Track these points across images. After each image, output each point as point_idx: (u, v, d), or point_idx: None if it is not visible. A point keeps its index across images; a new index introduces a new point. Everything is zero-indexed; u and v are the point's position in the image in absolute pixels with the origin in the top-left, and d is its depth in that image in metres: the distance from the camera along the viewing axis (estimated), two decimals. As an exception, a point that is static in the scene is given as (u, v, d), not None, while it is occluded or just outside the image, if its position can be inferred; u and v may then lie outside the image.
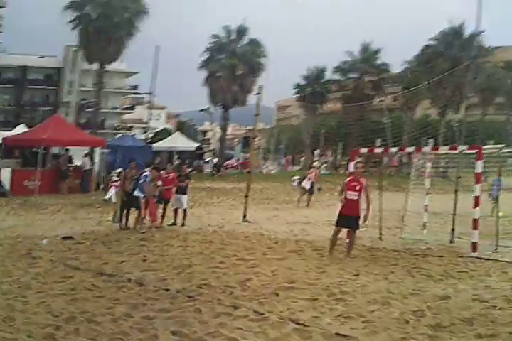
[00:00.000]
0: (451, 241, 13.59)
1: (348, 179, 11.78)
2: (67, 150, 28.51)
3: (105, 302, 7.80)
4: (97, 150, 30.42)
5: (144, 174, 15.39)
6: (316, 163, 28.68)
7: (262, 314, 7.16)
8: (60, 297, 8.06)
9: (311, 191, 22.71)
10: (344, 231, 11.78)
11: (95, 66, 42.24)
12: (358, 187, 11.41)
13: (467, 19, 51.68)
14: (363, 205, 11.53)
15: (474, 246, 11.79)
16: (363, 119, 40.43)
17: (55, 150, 29.47)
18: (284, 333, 6.47)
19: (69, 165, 28.32)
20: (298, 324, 6.78)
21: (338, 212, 11.80)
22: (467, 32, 51.61)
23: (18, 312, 7.25)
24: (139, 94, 77.07)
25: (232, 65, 50.05)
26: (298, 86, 62.01)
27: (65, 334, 6.46)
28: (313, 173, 23.81)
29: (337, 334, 6.43)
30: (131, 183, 15.69)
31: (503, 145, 14.73)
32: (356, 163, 12.41)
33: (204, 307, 7.49)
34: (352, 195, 11.42)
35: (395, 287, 8.76)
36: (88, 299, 7.94)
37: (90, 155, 29.75)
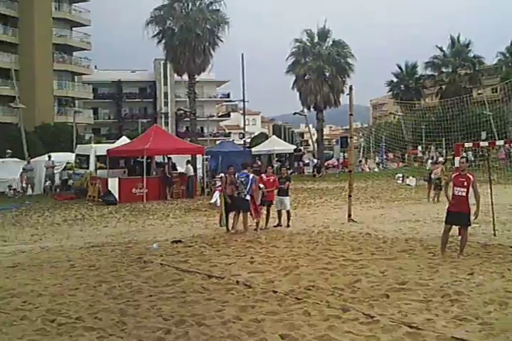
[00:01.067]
0: None
1: (454, 175, 11.36)
2: (169, 158, 29.36)
3: (215, 304, 7.84)
4: (199, 157, 31.10)
5: (249, 176, 15.59)
6: (441, 159, 27.87)
7: (373, 317, 6.95)
8: (170, 300, 8.19)
9: (440, 186, 22.10)
10: (455, 228, 11.28)
11: (185, 77, 43.43)
12: (465, 183, 10.99)
13: None
14: (472, 201, 11.04)
15: None
16: (464, 113, 39.04)
17: (158, 159, 30.47)
18: (396, 337, 6.24)
19: (173, 172, 29.13)
20: (411, 327, 6.52)
21: (446, 209, 11.36)
22: None
23: (130, 317, 7.41)
24: (232, 101, 78.72)
25: (319, 67, 50.10)
26: (391, 83, 61.30)
27: (175, 338, 6.53)
28: (439, 168, 23.22)
29: (453, 337, 6.13)
30: (231, 187, 15.93)
31: None
32: (461, 158, 11.90)
33: (313, 309, 7.37)
34: (460, 190, 11.02)
35: (513, 286, 8.27)
36: (198, 302, 8.03)
37: (192, 161, 30.46)
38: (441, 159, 28.32)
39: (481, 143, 15.65)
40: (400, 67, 62.01)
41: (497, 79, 56.81)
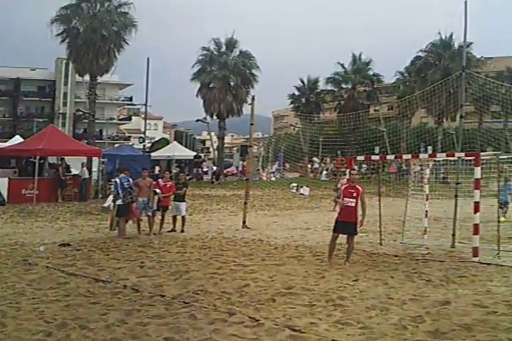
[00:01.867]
0: (452, 246, 13.48)
1: (344, 186, 11.69)
2: (62, 159, 28.45)
3: (99, 308, 7.66)
4: (95, 160, 30.30)
5: (128, 181, 15.46)
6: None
7: (258, 320, 7.02)
8: (53, 303, 7.93)
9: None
10: (344, 236, 11.63)
11: (87, 78, 42.50)
12: (355, 194, 11.33)
13: (455, 31, 52.58)
14: (359, 211, 11.44)
15: (475, 251, 11.64)
16: (360, 128, 40.71)
17: (51, 160, 29.45)
18: (279, 340, 6.32)
19: (67, 174, 28.22)
20: (294, 330, 6.63)
21: (335, 219, 11.70)
22: (457, 44, 52.81)
23: (10, 319, 7.12)
24: (134, 105, 77.36)
25: (225, 76, 50.51)
26: (292, 96, 62.79)
27: (55, 341, 6.31)
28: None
29: (333, 340, 6.28)
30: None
31: (501, 152, 14.70)
32: (351, 170, 12.33)
33: (199, 313, 7.36)
34: (349, 201, 11.33)
35: (395, 292, 8.61)
36: (82, 305, 7.81)
37: (88, 164, 29.66)
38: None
39: (373, 157, 16.29)
40: (302, 81, 63.48)
41: (394, 97, 59.47)
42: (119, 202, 15.26)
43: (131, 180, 15.65)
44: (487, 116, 70.86)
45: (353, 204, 11.31)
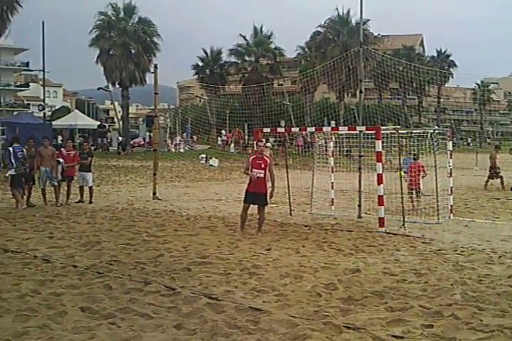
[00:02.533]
0: (359, 217, 13.97)
1: (252, 157, 11.73)
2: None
3: (11, 278, 7.44)
4: (-7, 128, 28.75)
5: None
6: (268, 144, 28.00)
7: (174, 289, 7.04)
8: (-41, 275, 7.59)
9: None
10: (255, 207, 11.78)
11: (-20, 41, 40.40)
12: (263, 165, 11.44)
13: (352, 7, 53.92)
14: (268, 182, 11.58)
15: (381, 222, 12.10)
16: (265, 101, 41.16)
17: None
18: (197, 308, 6.35)
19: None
20: (211, 298, 6.70)
21: (245, 189, 11.81)
22: (354, 20, 54.22)
23: None
24: (32, 70, 73.86)
25: (125, 43, 49.22)
26: (196, 67, 62.00)
27: (-33, 312, 6.08)
28: (268, 152, 23.65)
29: (250, 307, 6.39)
30: (29, 160, 15.15)
31: (400, 127, 15.27)
32: (258, 141, 12.41)
33: (114, 283, 7.28)
34: (258, 172, 11.43)
35: (307, 261, 8.83)
36: (-9, 276, 7.53)
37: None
38: (268, 144, 29.07)
39: (278, 129, 16.48)
40: (205, 52, 62.76)
41: (296, 72, 60.28)
42: (11, 171, 14.79)
43: (25, 150, 15.20)
44: (386, 92, 73.66)
45: (262, 175, 11.40)
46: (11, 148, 14.97)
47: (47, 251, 9.19)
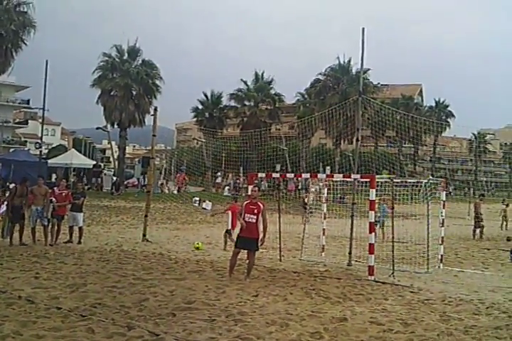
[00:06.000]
0: (348, 264, 13.90)
1: (246, 202, 11.75)
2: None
3: (-8, 319, 7.31)
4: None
5: None
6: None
7: (158, 335, 6.92)
8: None
9: None
10: (245, 252, 11.73)
11: (-20, 77, 41.04)
12: (255, 211, 11.45)
13: (354, 57, 55.14)
14: (260, 228, 11.56)
15: (371, 270, 12.06)
16: (262, 145, 41.54)
17: None
18: (180, 355, 6.27)
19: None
20: (194, 345, 6.58)
21: (237, 235, 11.79)
22: (355, 69, 55.38)
23: None
24: (32, 108, 74.46)
25: (127, 84, 49.96)
26: (196, 110, 62.82)
27: None
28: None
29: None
30: (21, 199, 15.18)
31: (394, 176, 15.39)
32: (253, 186, 12.46)
33: (97, 327, 7.17)
34: (250, 217, 11.43)
35: (294, 308, 8.74)
36: (-27, 316, 7.41)
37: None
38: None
39: (273, 174, 16.56)
40: (206, 95, 63.72)
41: (294, 118, 61.11)
42: None
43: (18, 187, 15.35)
44: (382, 140, 74.37)
45: (254, 221, 11.39)
46: None
47: (31, 292, 9.07)
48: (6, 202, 19.77)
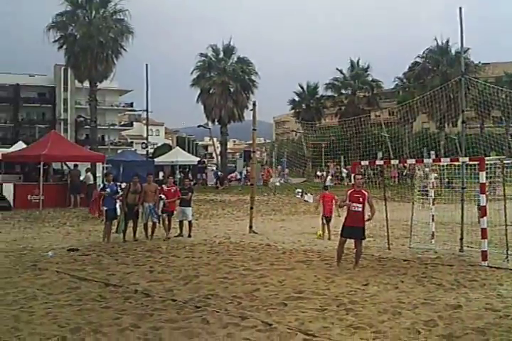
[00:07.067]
0: (460, 250, 13.45)
1: (350, 191, 11.63)
2: (75, 165, 28.47)
3: (112, 313, 7.66)
4: (99, 165, 30.27)
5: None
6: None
7: (270, 324, 7.01)
8: (65, 308, 7.93)
9: None
10: (352, 241, 11.62)
11: (86, 84, 42.88)
12: (361, 199, 11.32)
13: (452, 37, 53.06)
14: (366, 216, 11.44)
15: (484, 255, 11.61)
16: (362, 133, 40.97)
17: (56, 165, 29.53)
18: (294, 344, 6.30)
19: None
20: (307, 334, 6.62)
21: (342, 223, 11.70)
22: (453, 49, 53.37)
23: (24, 323, 7.12)
24: (135, 110, 77.76)
25: (224, 82, 51.09)
26: (292, 102, 62.98)
27: (71, 345, 6.33)
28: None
29: (348, 344, 6.26)
30: (134, 196, 15.78)
31: (505, 157, 14.67)
32: (356, 175, 12.30)
33: (212, 317, 7.35)
34: (356, 206, 11.31)
35: (406, 296, 8.60)
36: (95, 310, 7.81)
37: (92, 170, 29.66)
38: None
39: (377, 162, 16.26)
40: (301, 87, 63.76)
41: (394, 103, 59.82)
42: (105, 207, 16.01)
43: (131, 185, 15.94)
44: (488, 121, 71.06)
45: (360, 209, 11.29)
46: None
47: (147, 285, 9.41)
48: (118, 200, 20.84)
